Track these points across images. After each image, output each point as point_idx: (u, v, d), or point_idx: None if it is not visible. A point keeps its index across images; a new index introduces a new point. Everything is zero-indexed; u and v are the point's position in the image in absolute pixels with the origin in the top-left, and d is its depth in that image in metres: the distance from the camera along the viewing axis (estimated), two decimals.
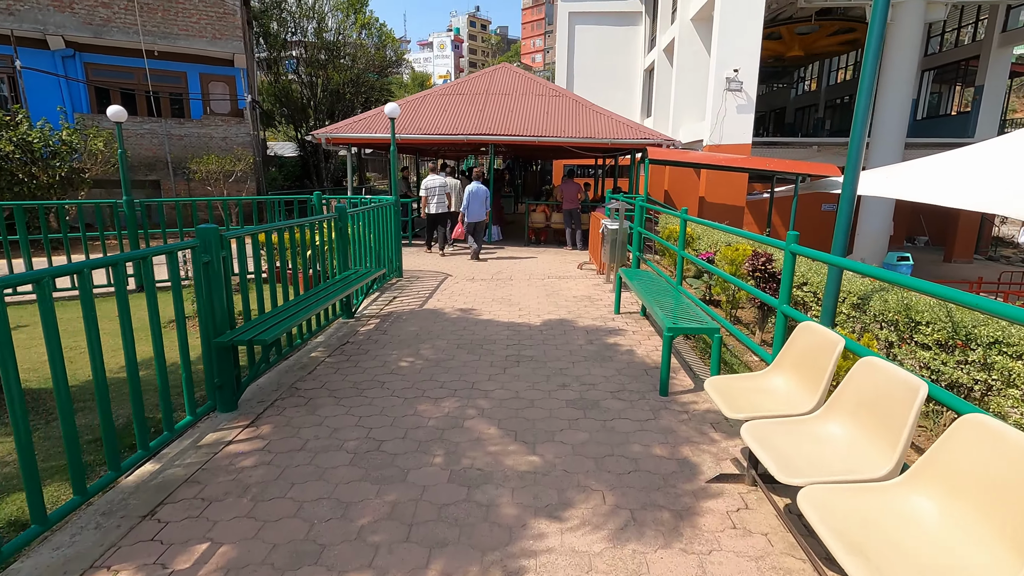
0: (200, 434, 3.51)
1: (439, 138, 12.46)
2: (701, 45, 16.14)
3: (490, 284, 8.25)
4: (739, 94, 12.57)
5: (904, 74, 15.40)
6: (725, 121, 12.73)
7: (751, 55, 12.45)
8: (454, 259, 10.89)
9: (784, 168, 11.10)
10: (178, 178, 13.80)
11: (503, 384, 4.31)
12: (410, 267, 9.87)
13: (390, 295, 7.44)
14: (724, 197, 12.99)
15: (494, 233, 14.00)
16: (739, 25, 12.36)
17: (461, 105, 13.59)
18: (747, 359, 5.22)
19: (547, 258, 11.32)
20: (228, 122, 14.13)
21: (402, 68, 19.64)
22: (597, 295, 7.44)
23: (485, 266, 10.12)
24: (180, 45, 13.47)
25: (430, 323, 6.03)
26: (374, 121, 13.08)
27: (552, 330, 5.77)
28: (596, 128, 12.50)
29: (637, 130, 12.41)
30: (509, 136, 12.21)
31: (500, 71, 15.47)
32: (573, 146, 12.86)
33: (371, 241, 7.16)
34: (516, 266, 10.22)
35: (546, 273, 9.38)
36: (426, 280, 8.56)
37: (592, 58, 23.77)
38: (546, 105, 13.60)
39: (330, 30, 16.65)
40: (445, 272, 9.39)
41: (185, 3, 13.32)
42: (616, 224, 7.43)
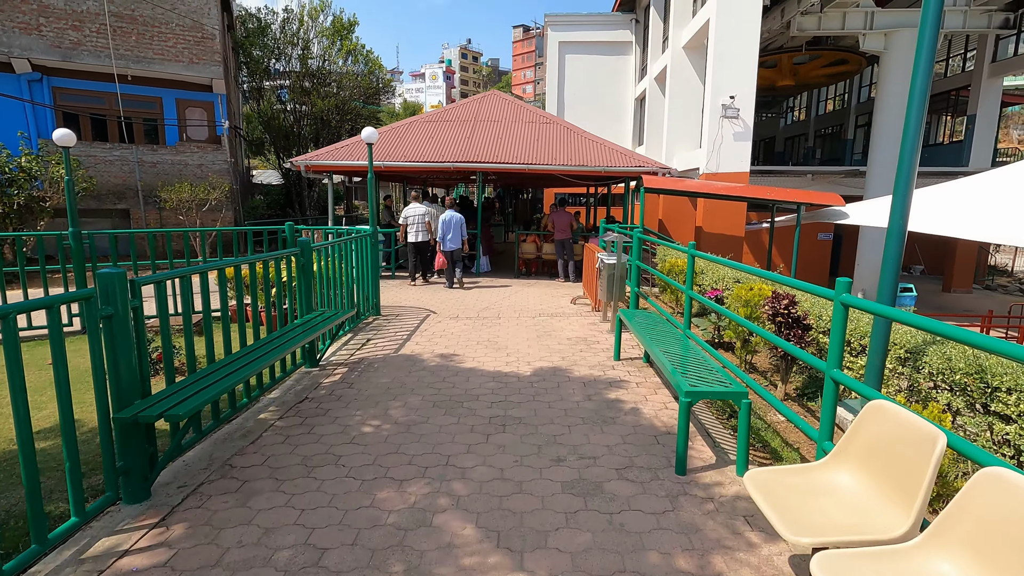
0: (91, 538, 2.71)
1: (425, 166, 11.88)
2: (693, 73, 15.88)
3: (476, 323, 7.52)
4: (736, 121, 12.18)
5: (900, 103, 15.16)
6: (722, 149, 12.30)
7: (747, 81, 12.11)
8: (438, 292, 10.18)
9: (786, 197, 10.60)
10: (149, 207, 13.08)
11: (485, 458, 3.55)
12: (391, 302, 9.14)
13: (364, 336, 6.69)
14: (722, 227, 12.48)
15: (483, 264, 13.34)
16: (735, 51, 12.05)
17: (448, 132, 13.08)
18: (773, 418, 4.50)
19: (538, 291, 10.65)
20: (205, 149, 13.50)
21: (391, 96, 19.19)
22: (593, 336, 6.73)
23: (471, 301, 9.41)
24: (155, 69, 12.92)
25: (404, 373, 5.27)
26: (356, 148, 12.51)
27: (544, 382, 5.03)
28: (588, 156, 11.99)
29: (631, 158, 11.92)
30: (498, 164, 11.67)
31: (489, 98, 15.05)
32: (564, 174, 12.34)
33: (343, 277, 6.44)
34: (505, 301, 9.53)
35: (537, 309, 8.68)
36: (406, 318, 7.82)
37: (582, 87, 23.61)
38: (536, 132, 13.13)
39: (316, 57, 16.24)
40: (427, 308, 8.66)
41: (161, 27, 12.83)
42: (613, 258, 6.77)
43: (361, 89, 17.49)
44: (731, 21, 12.06)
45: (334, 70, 16.60)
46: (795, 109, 32.78)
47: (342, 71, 16.84)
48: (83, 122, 13.25)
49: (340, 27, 16.13)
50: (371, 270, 7.65)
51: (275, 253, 4.91)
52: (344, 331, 6.64)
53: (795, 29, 15.37)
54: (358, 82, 17.16)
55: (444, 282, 11.17)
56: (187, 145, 13.35)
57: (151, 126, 13.93)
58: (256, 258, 4.66)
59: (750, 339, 5.31)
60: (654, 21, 19.60)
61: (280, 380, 4.94)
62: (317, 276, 5.78)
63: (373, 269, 7.69)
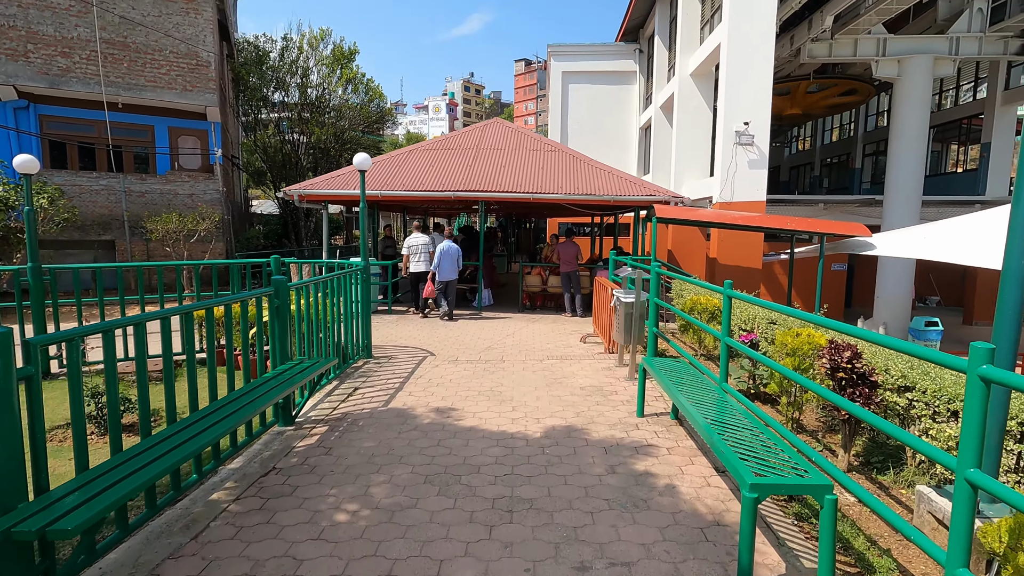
0: None
1: (424, 195, 11.30)
2: (702, 100, 15.47)
3: (477, 368, 6.76)
4: (750, 148, 11.63)
5: (916, 130, 14.69)
6: (736, 177, 11.72)
7: (761, 107, 11.60)
8: (437, 328, 9.45)
9: (808, 227, 9.94)
10: (135, 238, 12.49)
11: (487, 565, 2.76)
12: (386, 341, 8.40)
13: (351, 385, 5.93)
14: (738, 258, 11.81)
15: (485, 297, 12.64)
16: (747, 76, 11.58)
17: (450, 160, 12.56)
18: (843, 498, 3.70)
19: (544, 328, 9.91)
20: (196, 178, 12.99)
21: (393, 126, 18.84)
22: (610, 385, 5.96)
23: (472, 340, 8.68)
24: (147, 97, 12.51)
25: (393, 434, 4.50)
26: (352, 177, 11.95)
27: (558, 446, 4.25)
28: (595, 184, 11.41)
29: (641, 186, 11.33)
30: (501, 193, 11.08)
31: (492, 126, 14.60)
32: (571, 203, 11.74)
33: (328, 319, 5.72)
34: (509, 339, 8.79)
35: (544, 350, 7.93)
36: (400, 361, 7.07)
37: (586, 116, 23.35)
38: (541, 160, 12.59)
39: (315, 85, 15.90)
40: (424, 349, 7.92)
41: (155, 54, 12.47)
42: (631, 296, 6.06)
43: (361, 118, 17.11)
44: (743, 45, 11.63)
45: (333, 99, 16.24)
46: (799, 138, 32.56)
47: (342, 99, 16.49)
48: (70, 151, 12.79)
49: (340, 55, 15.85)
50: (362, 308, 6.94)
51: (243, 294, 4.21)
52: (328, 379, 5.89)
53: (805, 56, 15.00)
54: (358, 111, 16.80)
55: (443, 314, 10.48)
56: (177, 174, 12.83)
57: (142, 155, 13.46)
58: (219, 301, 3.96)
59: (800, 396, 4.54)
60: (659, 50, 19.37)
61: (245, 444, 4.18)
62: (297, 318, 5.07)
63: (364, 307, 6.98)
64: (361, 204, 6.94)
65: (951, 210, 17.87)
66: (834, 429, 4.62)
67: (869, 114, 26.41)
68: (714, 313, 6.82)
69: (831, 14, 13.57)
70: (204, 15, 12.66)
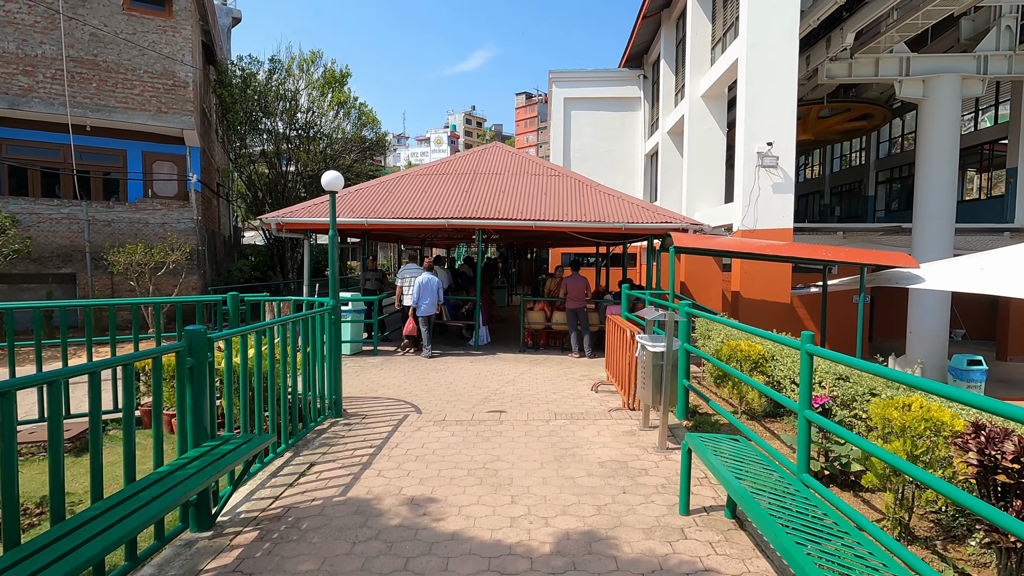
0: None
1: (415, 223, 10.21)
2: (714, 122, 14.56)
3: (469, 431, 5.50)
4: (774, 171, 10.59)
5: (945, 154, 13.70)
6: (759, 202, 10.65)
7: (785, 125, 10.58)
8: (427, 374, 8.22)
9: (848, 257, 8.79)
10: (99, 271, 11.37)
11: None
12: (364, 390, 7.17)
13: (307, 459, 4.68)
14: (764, 291, 10.62)
15: (482, 335, 11.42)
16: (769, 91, 10.61)
17: (444, 186, 11.52)
18: None
19: (549, 372, 8.68)
20: (169, 206, 11.95)
21: (386, 156, 17.95)
22: (636, 459, 4.70)
23: (466, 388, 7.44)
24: (117, 119, 11.57)
25: (345, 547, 3.23)
26: (338, 203, 10.90)
27: (576, 573, 2.98)
28: (604, 211, 10.32)
29: (655, 213, 10.24)
30: (500, 220, 9.99)
31: (491, 150, 13.65)
32: (577, 232, 10.65)
33: (287, 372, 4.51)
34: (509, 387, 7.55)
35: (551, 402, 6.68)
36: (375, 421, 5.82)
37: (589, 143, 22.57)
38: (544, 185, 11.56)
39: (304, 110, 15.03)
40: (409, 402, 6.68)
41: (127, 73, 11.59)
42: (660, 344, 4.84)
43: (354, 143, 16.21)
44: (763, 59, 10.71)
45: (324, 123, 15.35)
46: (808, 165, 31.79)
47: (332, 125, 15.60)
48: (32, 177, 11.79)
49: (332, 79, 15.04)
50: (331, 357, 5.74)
51: (126, 357, 3.01)
52: (279, 451, 4.63)
53: (823, 76, 14.14)
54: (350, 136, 15.91)
55: (439, 354, 9.26)
56: (149, 202, 11.80)
57: (113, 181, 12.47)
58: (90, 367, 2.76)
59: (919, 495, 3.27)
60: (665, 74, 18.65)
61: (138, 564, 2.91)
62: (239, 375, 3.87)
63: (333, 355, 5.77)
64: (331, 231, 5.81)
65: (979, 238, 16.77)
66: (955, 536, 3.34)
67: (882, 140, 25.62)
68: (758, 362, 5.60)
69: (852, 31, 12.73)
70: (183, 33, 11.84)
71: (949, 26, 15.42)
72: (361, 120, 15.90)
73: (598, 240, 11.87)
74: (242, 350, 4.03)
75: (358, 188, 11.67)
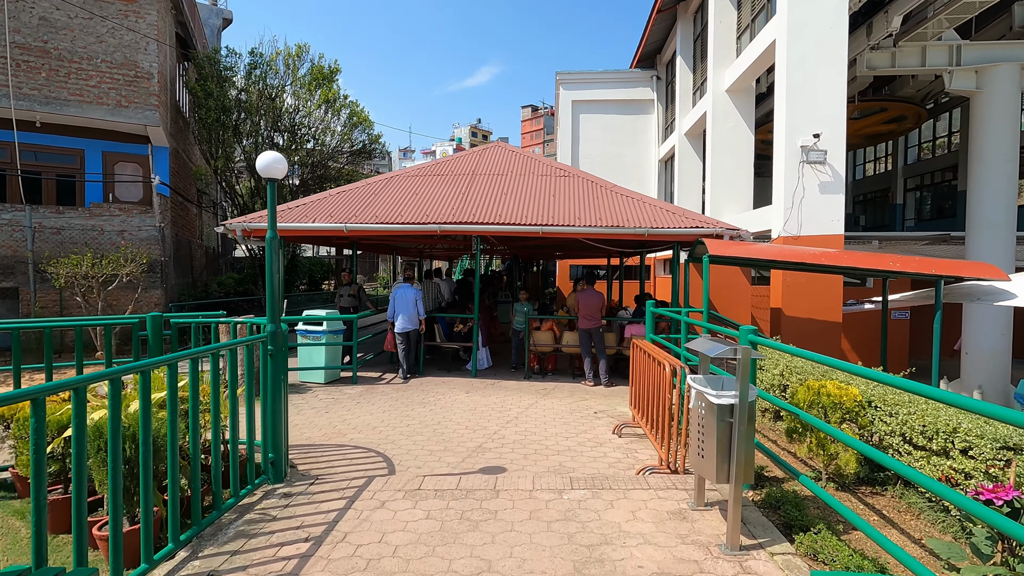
0: None
1: (403, 229, 8.76)
2: (739, 119, 13.10)
3: (450, 510, 3.96)
4: (821, 168, 9.08)
5: (1005, 151, 12.14)
6: (804, 204, 9.11)
7: (835, 112, 9.00)
8: (411, 408, 6.70)
9: (921, 268, 7.23)
10: (46, 284, 9.98)
11: None
12: (329, 434, 5.68)
13: (206, 564, 3.16)
14: (810, 308, 9.04)
15: (481, 359, 9.91)
16: (816, 73, 9.09)
17: (439, 188, 10.09)
18: None
19: (560, 406, 7.17)
20: (128, 211, 10.58)
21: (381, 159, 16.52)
22: (698, 573, 3.14)
23: (456, 430, 5.94)
24: (69, 113, 10.25)
25: None
26: (315, 208, 9.49)
27: None
28: (623, 214, 8.84)
29: (683, 217, 8.75)
30: (501, 225, 8.53)
31: (492, 150, 12.24)
32: (592, 238, 9.17)
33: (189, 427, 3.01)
34: (509, 430, 6.04)
35: (564, 458, 5.16)
36: (326, 489, 4.29)
37: (598, 149, 21.17)
38: (552, 187, 10.10)
39: (289, 110, 13.70)
40: (380, 452, 5.19)
41: (82, 62, 10.28)
42: (731, 394, 3.29)
43: (345, 144, 14.83)
44: (808, 39, 9.22)
45: (310, 122, 13.99)
46: None
47: (320, 123, 14.23)
48: None
49: (319, 76, 13.73)
50: (269, 401, 4.24)
51: None
52: (166, 552, 3.12)
53: (863, 68, 12.66)
54: (340, 136, 14.55)
55: (439, 383, 7.74)
56: (104, 207, 10.43)
57: (69, 184, 11.14)
58: None
59: None
60: (682, 72, 17.26)
61: None
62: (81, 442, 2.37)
63: (276, 400, 4.27)
64: (268, 232, 4.32)
65: None
66: None
67: (910, 145, 24.07)
68: (852, 410, 4.04)
69: (899, 14, 11.26)
70: (147, 19, 10.58)
71: (999, 13, 13.96)
72: (352, 120, 14.56)
73: (615, 249, 10.39)
74: (111, 399, 2.54)
75: (340, 191, 10.26)
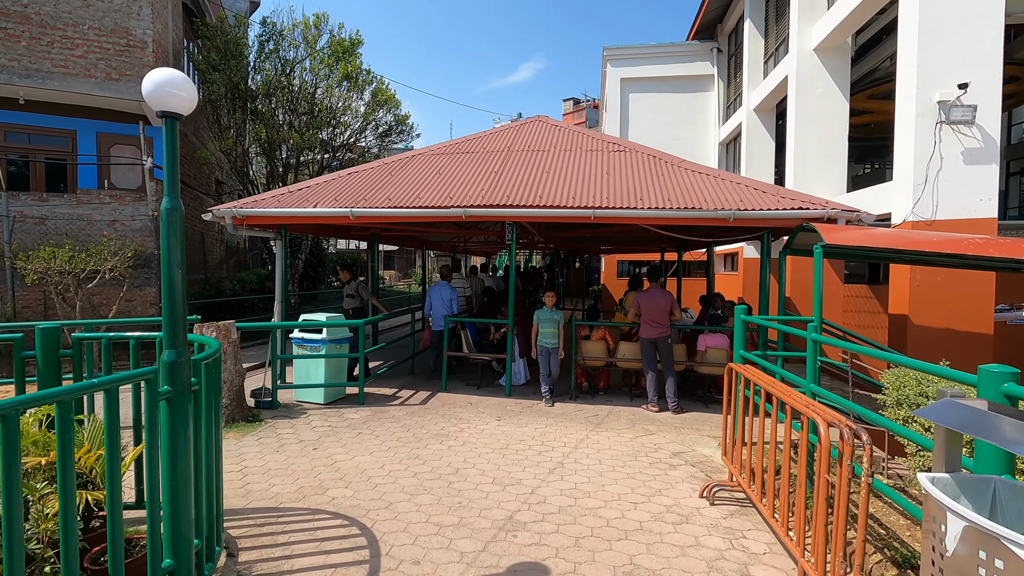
0: None
1: (419, 214, 7.09)
2: (831, 83, 10.84)
3: None
4: (966, 131, 6.86)
5: None
6: (940, 179, 6.92)
7: (989, 56, 6.68)
8: (429, 441, 5.02)
9: None
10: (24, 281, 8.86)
11: None
12: (304, 489, 4.04)
13: None
14: (949, 317, 6.84)
15: (517, 372, 8.20)
16: (962, 6, 6.79)
17: (467, 167, 8.40)
18: None
19: (619, 447, 5.38)
20: (120, 199, 9.37)
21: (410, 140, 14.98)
22: None
23: (479, 486, 4.25)
24: (53, 87, 9.11)
25: None
26: (319, 190, 7.96)
27: None
28: (700, 194, 6.90)
29: (781, 197, 6.74)
30: (542, 209, 6.75)
31: (531, 125, 10.45)
32: (661, 224, 7.28)
33: None
34: (552, 489, 4.29)
35: (633, 546, 3.39)
36: None
37: (650, 131, 19.01)
38: (605, 164, 8.24)
39: (304, 90, 12.28)
40: (364, 528, 3.54)
41: (67, 29, 9.11)
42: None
43: (366, 125, 13.36)
44: None
45: (332, 103, 12.52)
46: None
47: (339, 102, 12.74)
48: None
49: (339, 49, 12.26)
50: (167, 474, 2.60)
51: None
52: None
53: None
54: (361, 115, 13.08)
55: (464, 403, 6.04)
56: (93, 194, 9.26)
57: (59, 169, 10.03)
58: None
59: None
60: (751, 40, 14.98)
61: None
62: None
63: (173, 468, 2.63)
64: (166, 203, 2.64)
65: None
66: None
67: (1014, 123, 20.80)
68: None
69: None
70: None
71: None
72: (377, 98, 13.06)
73: (687, 238, 8.45)
74: None
75: (351, 171, 8.71)
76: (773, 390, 3.48)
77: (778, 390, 3.46)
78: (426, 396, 7.40)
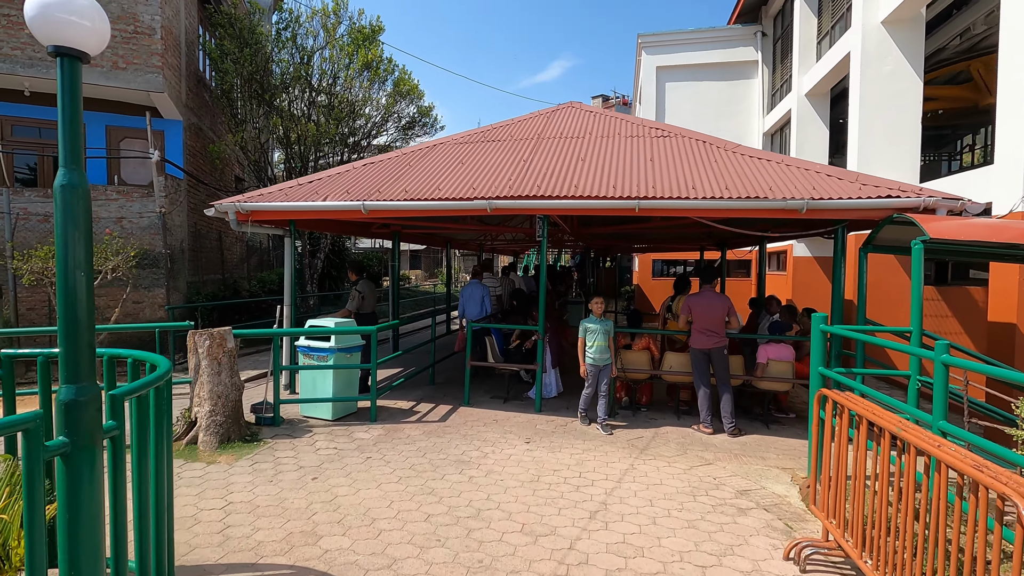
0: None
1: (437, 207, 6.29)
2: (901, 58, 9.64)
3: None
4: None
5: None
6: None
7: None
8: (448, 470, 4.21)
9: None
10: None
11: None
12: (293, 534, 3.26)
13: None
14: None
15: (549, 385, 7.35)
16: None
17: (492, 155, 7.57)
18: None
19: (671, 480, 4.49)
20: (127, 196, 8.86)
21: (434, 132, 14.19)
22: None
23: (503, 540, 3.37)
24: (53, 76, 8.67)
25: None
26: (331, 183, 7.24)
27: None
28: (762, 182, 5.91)
29: (864, 184, 5.71)
30: (578, 200, 5.88)
31: (563, 111, 9.55)
32: (719, 217, 6.33)
33: None
34: (593, 539, 3.42)
35: None
36: None
37: (688, 121, 17.81)
38: (647, 150, 7.29)
39: (329, 76, 11.65)
40: None
41: None
42: None
43: (395, 117, 12.64)
44: None
45: (347, 88, 11.82)
46: (972, 147, 24.97)
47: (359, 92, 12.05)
48: None
49: (359, 38, 11.60)
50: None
51: None
52: None
53: None
54: (381, 105, 12.37)
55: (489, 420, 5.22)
56: (99, 190, 8.77)
57: None
58: None
59: None
60: (802, 19, 13.75)
61: None
62: None
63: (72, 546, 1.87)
64: (60, 176, 1.90)
65: None
66: None
67: None
68: None
69: None
70: None
71: None
72: (398, 88, 12.35)
73: (745, 232, 7.45)
74: None
75: (366, 162, 7.97)
76: (908, 436, 2.53)
77: (914, 436, 2.51)
78: (446, 411, 6.61)
